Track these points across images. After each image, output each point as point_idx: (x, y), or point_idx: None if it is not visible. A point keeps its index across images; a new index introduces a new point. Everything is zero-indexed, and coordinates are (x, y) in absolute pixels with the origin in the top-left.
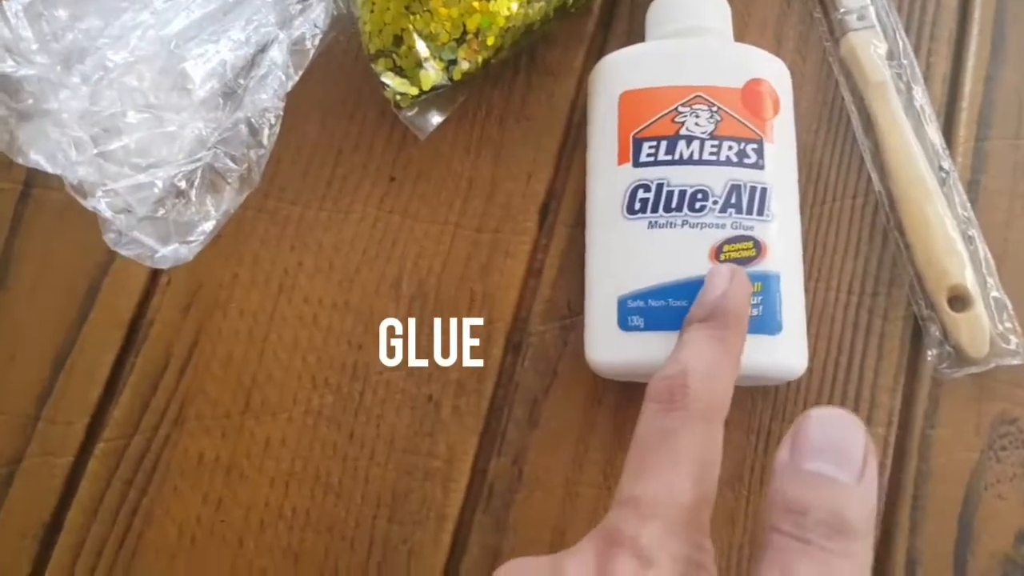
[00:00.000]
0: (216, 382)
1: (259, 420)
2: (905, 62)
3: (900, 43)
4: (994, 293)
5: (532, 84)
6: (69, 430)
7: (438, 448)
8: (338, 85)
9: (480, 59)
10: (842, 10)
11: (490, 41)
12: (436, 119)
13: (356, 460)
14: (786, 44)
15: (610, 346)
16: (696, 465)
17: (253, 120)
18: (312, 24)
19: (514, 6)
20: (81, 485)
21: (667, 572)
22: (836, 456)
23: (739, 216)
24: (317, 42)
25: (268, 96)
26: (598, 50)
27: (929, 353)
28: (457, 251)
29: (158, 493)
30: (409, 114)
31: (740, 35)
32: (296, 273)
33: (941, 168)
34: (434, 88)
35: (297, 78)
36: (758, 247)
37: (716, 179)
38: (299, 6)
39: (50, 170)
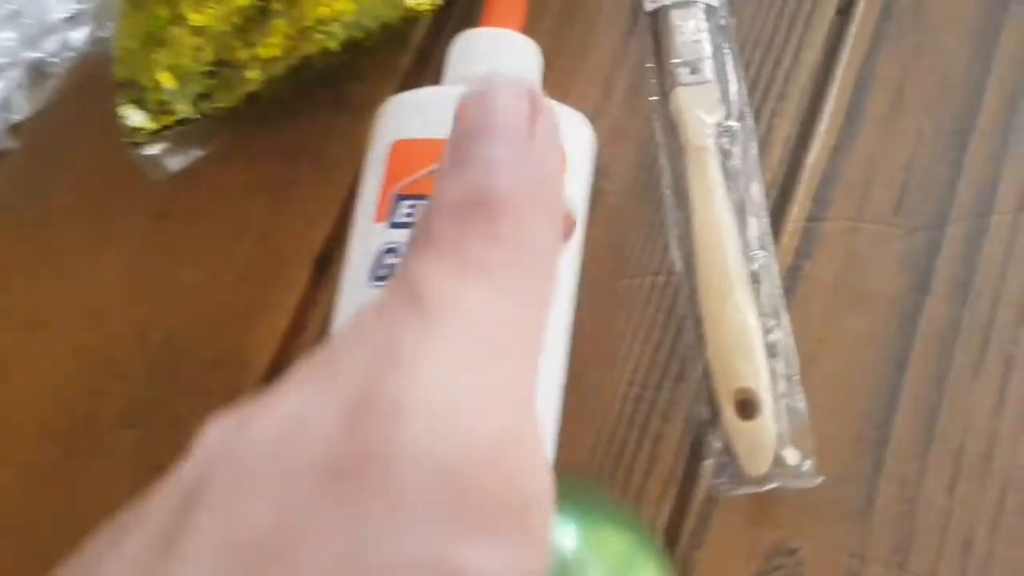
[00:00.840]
0: None
1: None
2: (738, 125)
3: (740, 102)
4: (790, 400)
5: (332, 120)
6: None
7: None
8: (111, 110)
9: (238, 94)
10: (674, 60)
11: (250, 76)
12: (184, 158)
13: (65, 518)
14: (614, 95)
15: None
16: None
17: None
18: (63, 45)
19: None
20: None
21: None
22: (492, 131)
23: None
24: (71, 64)
25: None
26: (412, 87)
27: (706, 463)
28: (217, 299)
29: None
30: (150, 152)
31: (569, 81)
32: (48, 310)
33: (758, 250)
34: (181, 123)
35: (40, 105)
36: None
37: None
38: (56, 23)
39: None
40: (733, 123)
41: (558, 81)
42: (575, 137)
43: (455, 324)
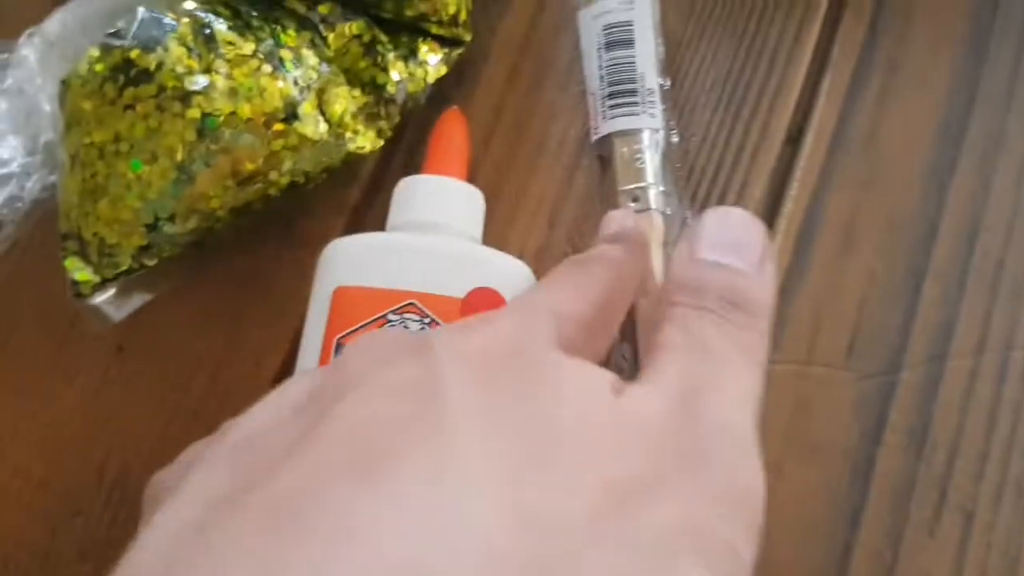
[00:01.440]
0: None
1: None
2: None
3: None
4: None
5: (282, 256)
6: None
7: None
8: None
9: (179, 244)
10: (618, 188)
11: (190, 226)
12: (130, 305)
13: None
14: (559, 229)
15: None
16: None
17: None
18: (9, 197)
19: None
20: None
21: None
22: (734, 248)
23: None
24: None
25: None
26: (361, 222)
27: None
28: (172, 434)
29: None
30: (95, 301)
31: (511, 214)
32: (10, 441)
33: None
34: (125, 273)
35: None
36: None
37: None
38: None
39: None
40: None
41: (503, 215)
42: (517, 287)
43: (740, 374)
